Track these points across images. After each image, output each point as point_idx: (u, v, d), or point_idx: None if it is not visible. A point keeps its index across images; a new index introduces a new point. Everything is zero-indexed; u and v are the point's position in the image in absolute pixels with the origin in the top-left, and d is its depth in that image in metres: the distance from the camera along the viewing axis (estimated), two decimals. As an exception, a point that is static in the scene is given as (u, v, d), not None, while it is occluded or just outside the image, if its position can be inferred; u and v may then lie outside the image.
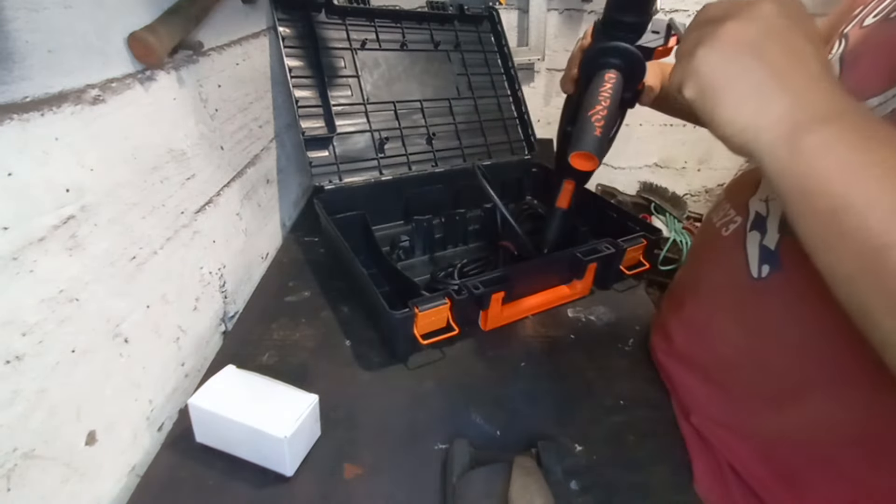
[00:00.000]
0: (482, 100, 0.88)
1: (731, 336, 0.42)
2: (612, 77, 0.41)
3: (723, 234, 0.44)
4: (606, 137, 0.39)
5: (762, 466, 0.39)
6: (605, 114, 0.39)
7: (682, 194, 1.57)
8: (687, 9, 1.30)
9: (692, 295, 0.48)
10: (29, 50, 0.30)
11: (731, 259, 0.41)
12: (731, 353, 0.42)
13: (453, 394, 0.49)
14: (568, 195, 0.51)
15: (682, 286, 0.52)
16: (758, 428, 0.39)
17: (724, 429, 0.42)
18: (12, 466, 0.30)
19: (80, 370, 0.35)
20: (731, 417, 0.42)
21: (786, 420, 0.37)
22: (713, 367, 0.44)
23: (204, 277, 0.53)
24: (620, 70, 0.42)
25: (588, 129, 0.39)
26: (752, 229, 0.40)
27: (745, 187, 0.44)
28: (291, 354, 0.52)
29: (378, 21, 0.80)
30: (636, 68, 0.42)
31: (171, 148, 0.46)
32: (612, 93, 0.41)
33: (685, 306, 0.48)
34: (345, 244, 0.57)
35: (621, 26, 0.41)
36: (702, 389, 0.44)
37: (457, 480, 0.38)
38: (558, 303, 0.62)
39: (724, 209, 0.45)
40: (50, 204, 0.32)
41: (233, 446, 0.41)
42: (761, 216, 0.40)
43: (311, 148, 0.71)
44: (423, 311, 0.48)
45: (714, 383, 0.43)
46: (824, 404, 0.35)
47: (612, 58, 0.42)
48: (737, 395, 0.41)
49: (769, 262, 0.38)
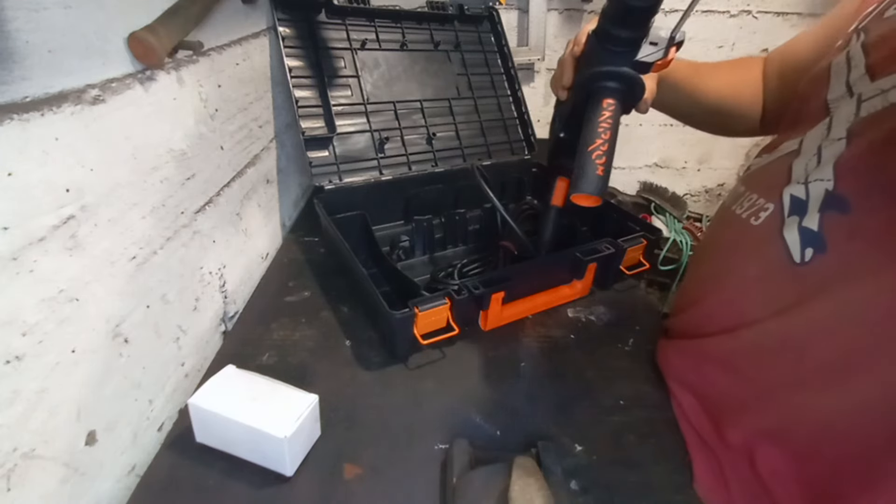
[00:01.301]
0: (482, 100, 0.88)
1: (768, 327, 0.40)
2: (611, 104, 0.40)
3: (752, 223, 0.43)
4: (608, 173, 0.38)
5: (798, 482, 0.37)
6: (605, 149, 0.38)
7: (682, 194, 1.57)
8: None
9: (717, 289, 0.47)
10: (29, 50, 0.30)
11: (767, 247, 0.40)
12: (768, 342, 0.40)
13: (453, 394, 0.49)
14: (562, 193, 0.50)
15: (702, 282, 0.50)
16: (798, 425, 0.38)
17: (764, 437, 0.40)
18: (12, 466, 0.30)
19: (80, 370, 0.35)
20: (768, 417, 0.40)
21: (829, 408, 0.36)
22: (746, 361, 0.42)
23: (204, 277, 0.53)
24: (619, 94, 0.40)
25: (589, 169, 0.38)
26: (790, 214, 0.39)
27: (772, 176, 0.43)
28: (291, 354, 0.52)
29: (378, 21, 0.80)
30: (636, 90, 0.41)
31: (171, 148, 0.46)
32: (611, 122, 0.39)
33: (707, 302, 0.47)
34: (345, 244, 0.57)
35: (618, 41, 0.39)
36: (735, 388, 0.43)
37: (457, 480, 0.38)
38: (558, 303, 0.62)
39: (750, 199, 0.45)
40: (50, 204, 0.32)
41: (233, 446, 0.41)
42: (800, 200, 0.39)
43: (311, 148, 0.71)
44: (423, 311, 0.48)
45: (748, 380, 0.42)
46: (868, 386, 0.34)
47: (609, 81, 0.40)
48: (772, 386, 0.40)
49: (813, 245, 0.37)
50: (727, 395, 0.43)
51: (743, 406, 0.42)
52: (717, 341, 0.45)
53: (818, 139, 0.41)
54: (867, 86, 0.38)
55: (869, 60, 0.38)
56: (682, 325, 0.51)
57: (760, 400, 0.40)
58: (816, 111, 0.43)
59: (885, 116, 0.36)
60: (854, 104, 0.38)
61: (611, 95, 0.40)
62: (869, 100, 0.37)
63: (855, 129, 0.38)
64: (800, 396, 0.38)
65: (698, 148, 1.52)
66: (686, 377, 0.48)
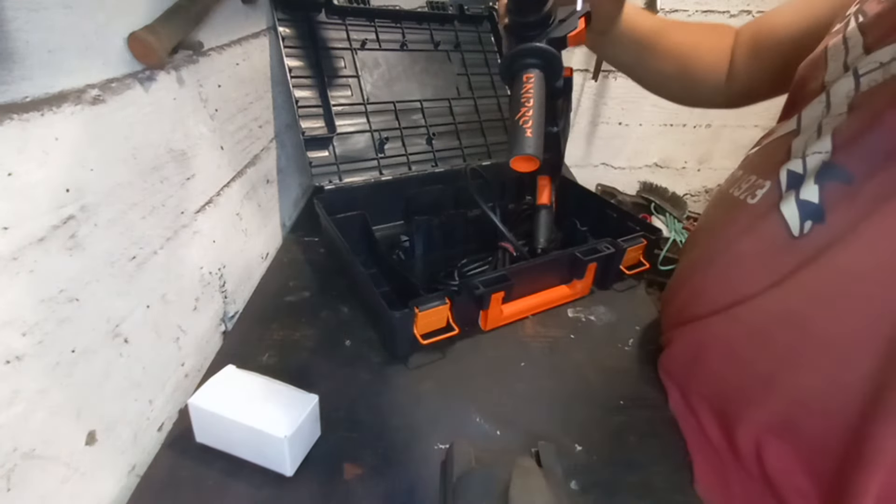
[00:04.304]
0: (482, 100, 0.88)
1: (765, 302, 0.39)
2: (531, 77, 0.42)
3: (749, 202, 0.43)
4: (538, 135, 0.40)
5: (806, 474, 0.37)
6: (531, 114, 0.41)
7: (682, 194, 1.57)
8: (687, 9, 1.30)
9: (709, 266, 0.46)
10: (29, 50, 0.30)
11: (763, 223, 0.40)
12: (766, 320, 0.39)
13: (453, 394, 0.49)
14: (547, 191, 0.51)
15: (692, 264, 0.49)
16: (805, 414, 0.37)
17: (771, 432, 0.39)
18: (12, 466, 0.30)
19: (80, 370, 0.35)
20: (774, 408, 0.39)
21: (834, 390, 0.35)
22: (746, 344, 0.41)
23: (204, 277, 0.53)
24: (537, 68, 0.43)
25: (518, 133, 0.40)
26: (788, 188, 0.39)
27: (770, 156, 0.43)
28: (291, 354, 0.52)
29: (378, 21, 0.80)
30: (553, 62, 0.43)
31: (171, 148, 0.46)
32: (534, 92, 0.42)
33: (698, 279, 0.47)
34: (345, 244, 0.57)
35: (527, 26, 0.43)
36: (737, 377, 0.42)
37: (457, 480, 0.38)
38: (558, 303, 0.62)
39: (747, 180, 0.44)
40: (50, 204, 0.32)
41: (233, 446, 0.41)
42: (797, 174, 0.39)
43: (311, 148, 0.71)
44: (423, 311, 0.48)
45: (749, 365, 0.41)
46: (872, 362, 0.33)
47: (524, 59, 0.43)
48: (775, 370, 0.39)
49: (812, 217, 0.37)
50: (731, 388, 0.43)
51: (748, 399, 0.41)
52: (713, 324, 0.44)
53: (818, 117, 0.40)
54: (863, 60, 0.38)
55: (867, 41, 0.38)
56: (674, 312, 0.50)
57: (765, 388, 0.39)
58: (813, 94, 0.43)
59: (886, 87, 0.35)
60: (852, 79, 0.38)
61: (529, 70, 0.43)
62: (867, 74, 0.37)
63: (856, 102, 0.37)
64: (804, 379, 0.37)
65: (698, 148, 1.52)
66: (688, 380, 0.48)
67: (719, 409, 0.44)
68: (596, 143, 1.48)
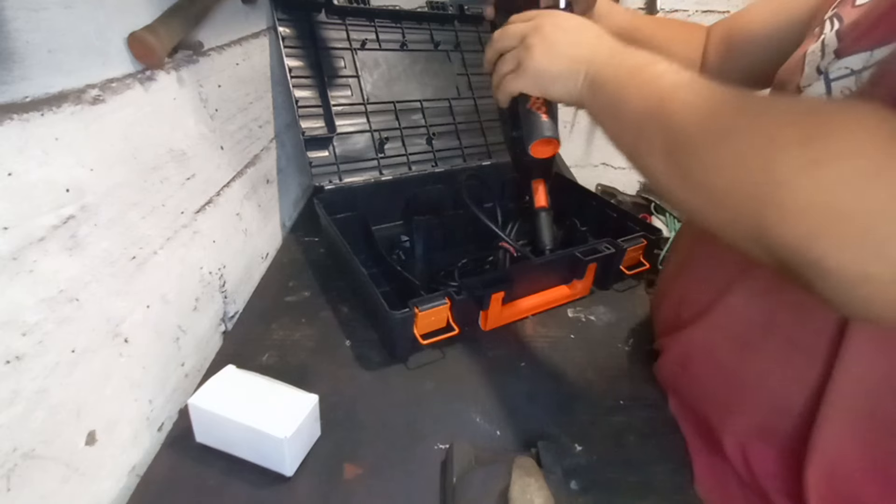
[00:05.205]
0: (482, 100, 0.88)
1: (737, 302, 0.41)
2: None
3: None
4: (554, 118, 0.43)
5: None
6: (542, 101, 0.43)
7: (682, 194, 1.57)
8: (687, 9, 1.30)
9: (691, 268, 0.47)
10: (29, 50, 0.30)
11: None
12: (741, 321, 0.40)
13: (453, 394, 0.49)
14: (542, 194, 0.51)
15: (677, 266, 0.51)
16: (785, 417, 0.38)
17: (755, 436, 0.40)
18: (12, 466, 0.30)
19: (80, 370, 0.35)
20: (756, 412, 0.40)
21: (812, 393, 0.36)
22: (726, 349, 0.42)
23: (204, 277, 0.53)
24: None
25: (534, 118, 0.43)
26: None
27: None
28: (291, 354, 0.52)
29: (378, 21, 0.80)
30: None
31: (171, 148, 0.46)
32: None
33: (682, 282, 0.48)
34: (345, 244, 0.57)
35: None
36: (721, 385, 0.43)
37: (457, 480, 0.38)
38: (558, 303, 0.62)
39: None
40: (50, 204, 0.32)
41: (233, 446, 0.41)
42: None
43: (311, 148, 0.71)
44: (423, 311, 0.48)
45: (730, 371, 0.42)
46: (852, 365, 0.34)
47: None
48: (754, 376, 0.40)
49: None
50: (716, 395, 0.44)
51: (730, 407, 0.42)
52: (696, 332, 0.45)
53: None
54: (834, 64, 0.38)
55: (840, 45, 0.38)
56: (662, 319, 0.51)
57: (746, 392, 0.40)
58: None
59: (860, 97, 0.35)
60: (823, 84, 0.38)
61: None
62: (838, 80, 0.37)
63: None
64: (780, 383, 0.38)
65: (698, 148, 1.52)
66: (678, 388, 0.48)
67: (705, 416, 0.44)
68: (596, 143, 1.48)
